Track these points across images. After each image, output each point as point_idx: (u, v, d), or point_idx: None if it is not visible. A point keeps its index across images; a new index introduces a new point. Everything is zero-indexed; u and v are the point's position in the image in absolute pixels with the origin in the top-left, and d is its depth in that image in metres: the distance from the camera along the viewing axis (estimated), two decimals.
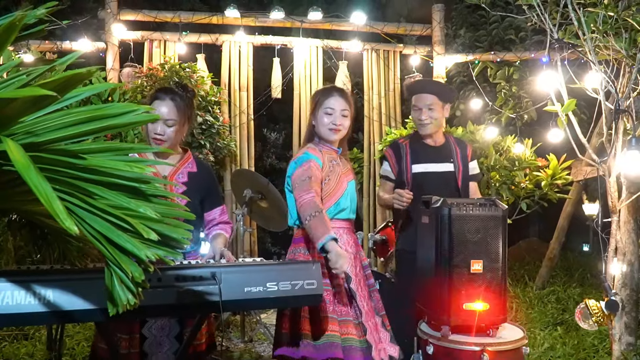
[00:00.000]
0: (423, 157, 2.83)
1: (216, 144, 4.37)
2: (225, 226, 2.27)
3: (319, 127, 2.37)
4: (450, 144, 2.89)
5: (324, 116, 2.34)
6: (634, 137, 1.92)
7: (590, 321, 2.16)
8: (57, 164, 0.96)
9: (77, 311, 1.53)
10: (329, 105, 2.34)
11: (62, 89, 0.88)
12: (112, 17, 4.73)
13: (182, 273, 1.66)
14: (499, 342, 2.26)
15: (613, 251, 2.23)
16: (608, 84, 2.05)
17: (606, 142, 2.13)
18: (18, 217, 1.89)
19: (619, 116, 1.99)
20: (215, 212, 2.28)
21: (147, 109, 1.14)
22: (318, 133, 2.39)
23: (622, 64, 2.08)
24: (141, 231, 0.89)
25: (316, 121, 2.38)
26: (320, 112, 2.35)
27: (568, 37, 2.32)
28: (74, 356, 3.15)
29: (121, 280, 0.96)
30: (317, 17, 4.91)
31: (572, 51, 2.25)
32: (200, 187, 2.20)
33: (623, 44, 1.95)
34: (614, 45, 1.99)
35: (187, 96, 2.19)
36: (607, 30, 1.93)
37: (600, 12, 1.95)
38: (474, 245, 2.32)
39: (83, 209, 0.95)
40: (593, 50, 2.03)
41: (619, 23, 1.93)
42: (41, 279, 1.54)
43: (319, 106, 2.36)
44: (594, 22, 1.99)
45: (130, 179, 0.96)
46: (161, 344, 2.07)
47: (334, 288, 2.28)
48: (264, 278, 1.72)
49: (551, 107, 2.27)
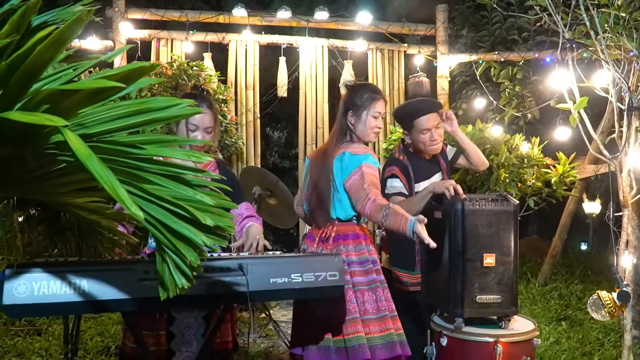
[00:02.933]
0: (423, 174, 2.84)
1: (224, 141, 4.41)
2: (254, 219, 2.28)
3: (362, 127, 2.36)
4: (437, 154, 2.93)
5: (372, 119, 2.35)
6: None
7: (602, 312, 2.22)
8: (114, 153, 1.01)
9: (110, 301, 1.58)
10: (377, 109, 2.36)
11: (125, 80, 0.93)
12: (120, 16, 4.76)
13: (210, 264, 1.71)
14: (512, 334, 2.32)
15: (624, 244, 2.30)
16: (620, 81, 2.11)
17: (617, 139, 2.19)
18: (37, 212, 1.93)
19: (631, 113, 2.05)
20: (240, 208, 2.31)
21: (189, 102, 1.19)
22: (359, 134, 2.37)
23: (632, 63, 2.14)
24: (199, 217, 0.93)
25: (358, 120, 2.36)
26: (367, 113, 2.35)
27: (577, 37, 2.38)
28: (87, 350, 3.19)
29: (176, 266, 1.00)
30: (323, 16, 4.95)
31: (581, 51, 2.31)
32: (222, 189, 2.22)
33: (635, 43, 2.01)
34: (626, 45, 2.05)
35: (208, 97, 2.23)
36: (620, 30, 1.99)
37: (612, 13, 2.01)
38: (486, 239, 2.38)
39: (140, 197, 0.99)
40: (605, 49, 2.09)
41: (631, 24, 1.99)
42: (75, 269, 1.58)
43: (365, 108, 2.36)
44: (606, 22, 2.05)
45: (184, 168, 1.00)
46: (189, 342, 2.09)
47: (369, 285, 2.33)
48: (289, 269, 1.77)
49: (563, 104, 2.33)
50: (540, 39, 4.98)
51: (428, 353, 2.50)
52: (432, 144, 2.79)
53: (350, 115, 2.38)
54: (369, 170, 2.21)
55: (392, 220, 2.09)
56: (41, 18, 1.37)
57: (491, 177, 3.49)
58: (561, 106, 2.36)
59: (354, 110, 2.37)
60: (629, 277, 2.25)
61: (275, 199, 3.97)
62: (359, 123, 2.36)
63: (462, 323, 2.36)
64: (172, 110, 1.16)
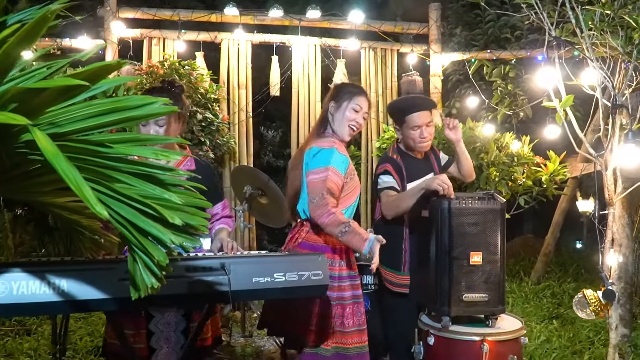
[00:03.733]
0: (415, 173, 2.82)
1: (216, 141, 4.41)
2: (228, 220, 2.31)
3: (340, 117, 2.32)
4: (428, 153, 2.93)
5: (351, 111, 2.31)
6: (630, 131, 1.98)
7: (587, 310, 2.22)
8: (84, 152, 1.00)
9: (90, 300, 1.57)
10: (359, 102, 2.33)
11: (92, 79, 0.92)
12: (112, 15, 4.75)
13: (192, 264, 1.70)
14: (498, 332, 2.32)
15: (610, 243, 2.30)
16: (605, 79, 2.11)
17: (603, 137, 2.19)
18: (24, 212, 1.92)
19: (615, 111, 2.05)
20: (217, 207, 2.32)
21: (164, 101, 1.18)
22: (336, 126, 2.34)
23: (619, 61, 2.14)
24: (166, 217, 0.93)
25: (338, 110, 2.33)
26: (347, 105, 2.31)
27: (565, 35, 2.37)
28: (77, 350, 3.18)
29: (145, 265, 1.00)
30: (316, 15, 4.95)
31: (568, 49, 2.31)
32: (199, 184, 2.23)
33: (619, 41, 2.01)
34: (611, 43, 2.05)
35: (175, 92, 2.20)
36: (604, 28, 1.99)
37: (598, 10, 2.01)
38: (473, 237, 2.38)
39: (109, 196, 0.99)
40: (591, 47, 2.09)
41: (616, 21, 1.99)
42: (55, 269, 1.57)
43: (347, 99, 2.32)
44: (592, 20, 2.05)
45: (153, 167, 1.00)
46: (168, 339, 2.10)
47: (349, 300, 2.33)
48: (272, 269, 1.76)
49: (549, 103, 2.33)
50: (533, 37, 4.98)
51: (415, 352, 2.50)
52: (421, 141, 2.79)
53: (332, 105, 2.35)
54: (334, 177, 2.17)
55: (349, 237, 2.11)
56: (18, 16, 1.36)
57: (481, 175, 3.49)
58: (547, 104, 2.36)
59: (336, 101, 2.35)
60: (614, 275, 2.25)
61: (266, 198, 3.96)
62: (338, 113, 2.32)
63: (449, 322, 2.35)
64: (146, 108, 1.16)
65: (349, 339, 2.29)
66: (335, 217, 2.12)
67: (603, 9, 1.97)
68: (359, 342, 2.32)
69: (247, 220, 4.73)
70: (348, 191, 2.30)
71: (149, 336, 2.10)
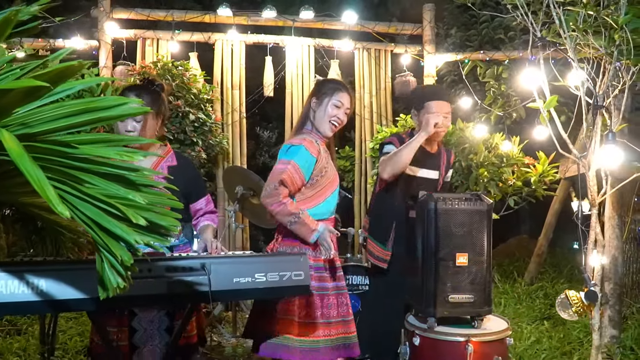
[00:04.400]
0: (419, 160, 2.83)
1: (208, 141, 4.41)
2: (212, 215, 2.32)
3: (322, 113, 2.34)
4: (441, 153, 2.96)
5: (332, 107, 2.33)
6: (610, 132, 1.99)
7: (570, 311, 2.23)
8: (50, 153, 1.00)
9: (69, 300, 1.58)
10: (340, 98, 2.35)
11: (55, 80, 0.93)
12: (105, 16, 4.75)
13: (173, 264, 1.71)
14: (483, 333, 2.32)
15: (593, 243, 2.30)
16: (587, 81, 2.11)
17: (586, 138, 2.19)
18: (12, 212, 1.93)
19: (596, 112, 2.05)
20: (201, 202, 2.33)
21: (137, 102, 1.18)
22: (317, 122, 2.36)
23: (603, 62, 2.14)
24: (130, 217, 0.93)
25: (319, 105, 2.35)
26: (328, 101, 2.34)
27: (552, 35, 2.38)
28: (66, 350, 3.18)
29: (111, 265, 1.00)
30: (309, 16, 4.95)
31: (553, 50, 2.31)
32: (181, 179, 2.24)
33: (603, 42, 2.01)
34: (594, 44, 2.05)
35: (153, 90, 2.22)
36: (587, 28, 1.99)
37: (581, 11, 2.01)
38: (459, 238, 2.38)
39: (75, 196, 0.99)
40: (574, 48, 2.09)
41: (598, 21, 1.99)
42: (34, 269, 1.58)
43: (328, 95, 2.35)
44: (575, 21, 2.05)
45: (120, 168, 1.00)
46: (151, 337, 2.11)
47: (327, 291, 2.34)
48: (253, 269, 1.77)
49: (533, 103, 2.34)
50: (526, 37, 4.95)
51: (401, 353, 2.51)
52: (438, 127, 2.76)
53: (314, 101, 2.38)
54: (293, 171, 2.21)
55: (297, 227, 2.18)
56: None
57: (470, 176, 3.49)
58: (532, 105, 2.36)
59: (317, 97, 2.38)
60: (597, 276, 2.25)
61: (258, 198, 3.96)
62: (319, 108, 2.35)
63: (434, 322, 2.36)
64: (119, 109, 1.16)
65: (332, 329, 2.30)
66: (285, 207, 2.17)
67: (585, 9, 1.97)
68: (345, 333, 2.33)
69: (239, 220, 4.74)
70: (319, 188, 2.32)
71: (131, 333, 2.10)
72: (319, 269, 2.30)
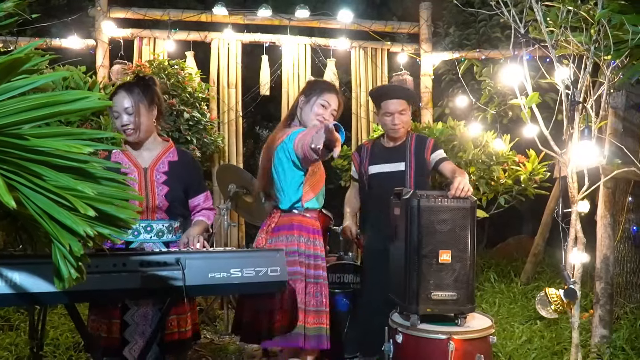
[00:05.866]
0: (378, 158, 3.01)
1: (203, 139, 4.42)
2: (208, 212, 2.34)
3: (308, 110, 2.39)
4: (407, 144, 2.99)
5: (319, 106, 2.37)
6: (586, 128, 1.97)
7: (549, 309, 2.21)
8: (4, 144, 1.02)
9: (42, 293, 1.59)
10: (327, 99, 2.39)
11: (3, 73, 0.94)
12: (102, 15, 4.79)
13: (147, 259, 1.71)
14: (465, 331, 2.31)
15: (573, 241, 2.29)
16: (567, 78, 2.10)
17: (565, 135, 2.18)
18: None
19: (574, 108, 2.04)
20: (199, 199, 2.35)
21: (100, 95, 1.19)
22: (304, 119, 2.41)
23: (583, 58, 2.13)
24: (78, 207, 0.94)
25: (306, 103, 2.40)
26: (316, 100, 2.38)
27: (536, 32, 2.36)
28: (57, 346, 3.20)
29: (64, 256, 1.01)
30: (305, 15, 4.96)
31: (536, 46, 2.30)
32: (181, 175, 2.27)
33: (583, 38, 2.00)
34: (573, 40, 2.04)
35: (144, 83, 2.24)
36: (564, 24, 1.98)
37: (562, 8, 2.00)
38: (442, 235, 2.37)
39: (28, 187, 1.00)
40: (555, 44, 2.08)
41: (578, 16, 1.98)
42: (7, 262, 1.60)
43: (316, 95, 2.39)
44: (555, 17, 2.04)
45: (72, 160, 1.01)
46: (144, 332, 2.12)
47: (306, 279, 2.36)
48: (228, 265, 1.77)
49: (515, 100, 2.33)
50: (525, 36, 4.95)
51: (385, 350, 2.50)
52: (392, 127, 2.92)
53: (302, 99, 2.44)
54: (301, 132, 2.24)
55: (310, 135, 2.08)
56: None
57: None
58: (514, 102, 2.36)
59: (305, 95, 2.43)
60: (577, 274, 2.23)
61: (251, 196, 3.98)
62: (306, 106, 2.40)
63: (417, 320, 2.35)
64: (80, 103, 1.17)
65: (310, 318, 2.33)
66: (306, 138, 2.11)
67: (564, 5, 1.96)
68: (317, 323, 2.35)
69: (234, 219, 4.76)
70: (317, 177, 2.36)
71: (123, 328, 2.12)
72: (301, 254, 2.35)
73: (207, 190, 2.41)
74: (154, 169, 2.22)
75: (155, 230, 2.20)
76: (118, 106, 2.16)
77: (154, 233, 2.19)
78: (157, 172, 2.22)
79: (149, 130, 2.24)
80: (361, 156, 3.09)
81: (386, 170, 2.96)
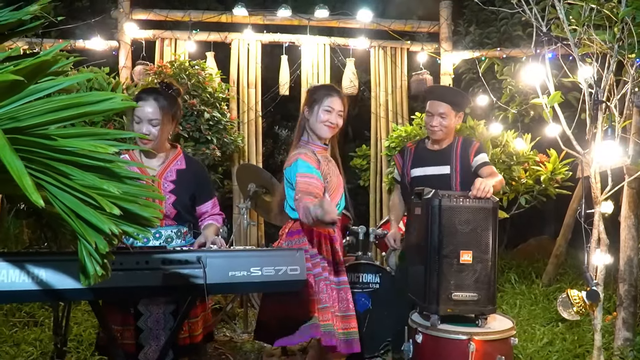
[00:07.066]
0: (423, 161, 2.95)
1: (223, 139, 4.46)
2: (217, 217, 2.35)
3: (314, 120, 2.43)
4: (452, 148, 2.93)
5: (324, 112, 2.40)
6: (609, 127, 1.94)
7: (571, 311, 2.18)
8: (33, 145, 1.04)
9: (67, 290, 1.63)
10: (330, 104, 2.41)
11: (30, 76, 0.96)
12: (125, 17, 4.85)
13: (169, 257, 1.74)
14: (486, 332, 2.30)
15: (596, 242, 2.24)
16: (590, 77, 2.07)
17: (588, 135, 2.14)
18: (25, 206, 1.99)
19: (597, 107, 2.00)
20: (207, 206, 2.36)
21: (124, 97, 1.22)
22: (312, 128, 2.45)
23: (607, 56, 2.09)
24: (104, 206, 0.96)
25: (311, 113, 2.44)
26: (319, 108, 2.41)
27: (559, 31, 2.33)
28: (81, 342, 3.27)
29: (89, 253, 1.03)
30: (324, 14, 4.96)
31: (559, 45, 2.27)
32: (189, 183, 2.29)
33: (607, 36, 1.96)
34: (596, 38, 2.00)
35: (171, 95, 2.24)
36: (587, 22, 1.95)
37: (584, 5, 1.97)
38: (463, 236, 2.36)
39: (55, 186, 1.02)
40: (577, 43, 2.04)
41: (601, 14, 1.95)
42: (35, 259, 1.64)
43: (317, 103, 2.42)
44: (578, 15, 2.01)
45: (97, 159, 1.03)
46: (157, 337, 2.14)
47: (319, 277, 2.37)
48: (248, 263, 1.79)
49: (537, 99, 2.30)
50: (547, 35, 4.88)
51: (405, 350, 2.50)
52: (430, 128, 2.88)
53: (306, 110, 2.47)
54: (302, 179, 2.26)
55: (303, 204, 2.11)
56: None
57: None
58: (535, 102, 2.32)
59: (309, 106, 2.46)
60: (600, 276, 2.19)
61: (270, 195, 4.00)
62: (312, 117, 2.43)
63: (437, 320, 2.34)
64: (105, 104, 1.20)
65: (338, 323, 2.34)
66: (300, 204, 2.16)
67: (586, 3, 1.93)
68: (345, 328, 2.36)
69: (254, 218, 4.79)
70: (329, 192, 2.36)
71: (137, 333, 2.14)
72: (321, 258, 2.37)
73: (214, 196, 2.42)
74: (162, 178, 2.21)
75: (164, 236, 2.22)
76: (142, 113, 2.15)
77: (162, 239, 2.21)
78: (164, 180, 2.21)
79: (163, 141, 2.25)
80: (404, 158, 3.04)
81: (429, 173, 2.90)
